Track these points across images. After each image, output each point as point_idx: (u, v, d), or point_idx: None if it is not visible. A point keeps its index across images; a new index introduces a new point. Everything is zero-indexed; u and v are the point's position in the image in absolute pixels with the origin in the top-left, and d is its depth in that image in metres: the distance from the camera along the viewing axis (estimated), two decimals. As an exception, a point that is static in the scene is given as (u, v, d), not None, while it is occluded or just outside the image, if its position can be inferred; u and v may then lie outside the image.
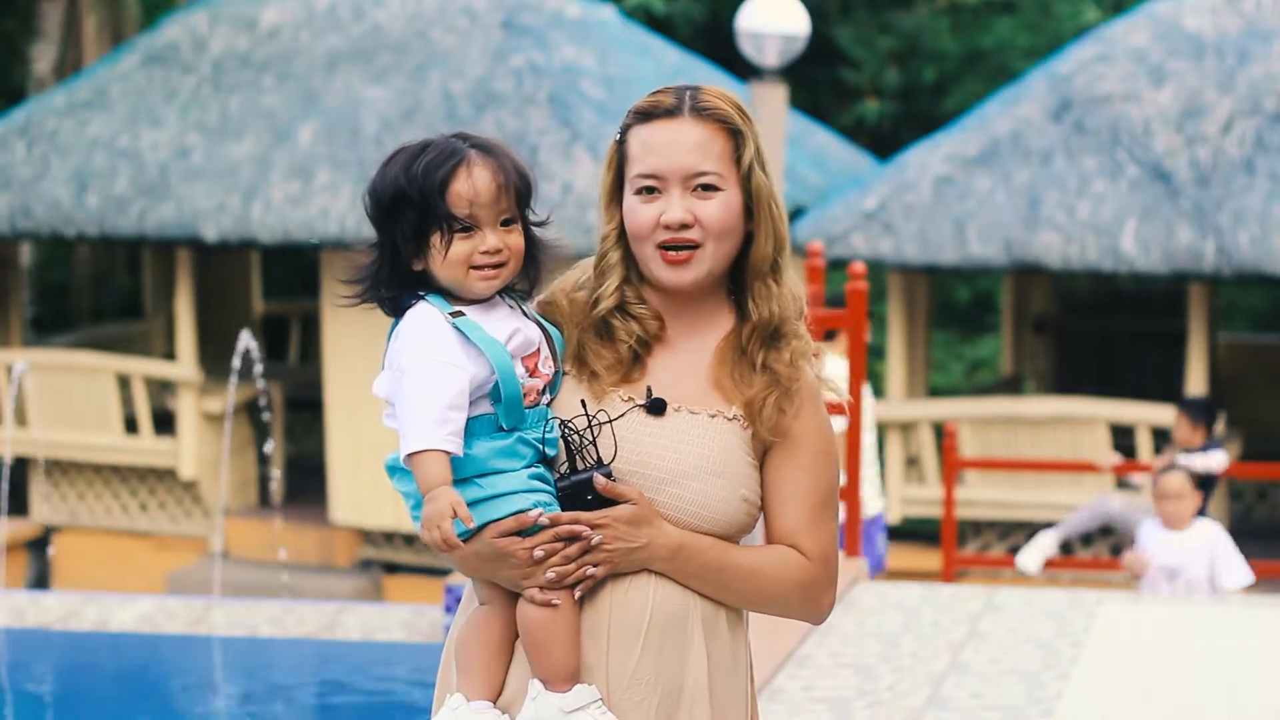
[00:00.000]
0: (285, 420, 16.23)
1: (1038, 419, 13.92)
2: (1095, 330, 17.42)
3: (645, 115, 2.99)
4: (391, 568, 14.72)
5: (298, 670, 8.01)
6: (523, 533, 2.88)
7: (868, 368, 9.92)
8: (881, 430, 14.55)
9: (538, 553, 2.87)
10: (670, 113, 2.98)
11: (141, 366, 15.66)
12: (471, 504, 2.88)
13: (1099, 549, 13.93)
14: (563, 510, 2.90)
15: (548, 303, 3.07)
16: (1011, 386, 17.02)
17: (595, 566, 2.90)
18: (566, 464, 2.95)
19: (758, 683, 6.45)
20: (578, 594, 2.90)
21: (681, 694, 2.94)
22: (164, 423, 15.65)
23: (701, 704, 2.94)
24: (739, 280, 3.04)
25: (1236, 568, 9.41)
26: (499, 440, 2.90)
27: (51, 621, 8.07)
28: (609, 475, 2.92)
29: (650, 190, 2.97)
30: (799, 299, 3.05)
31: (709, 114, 2.97)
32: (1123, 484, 12.70)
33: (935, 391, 17.99)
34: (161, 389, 16.00)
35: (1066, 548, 14.16)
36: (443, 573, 11.56)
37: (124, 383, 15.55)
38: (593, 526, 2.89)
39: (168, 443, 15.33)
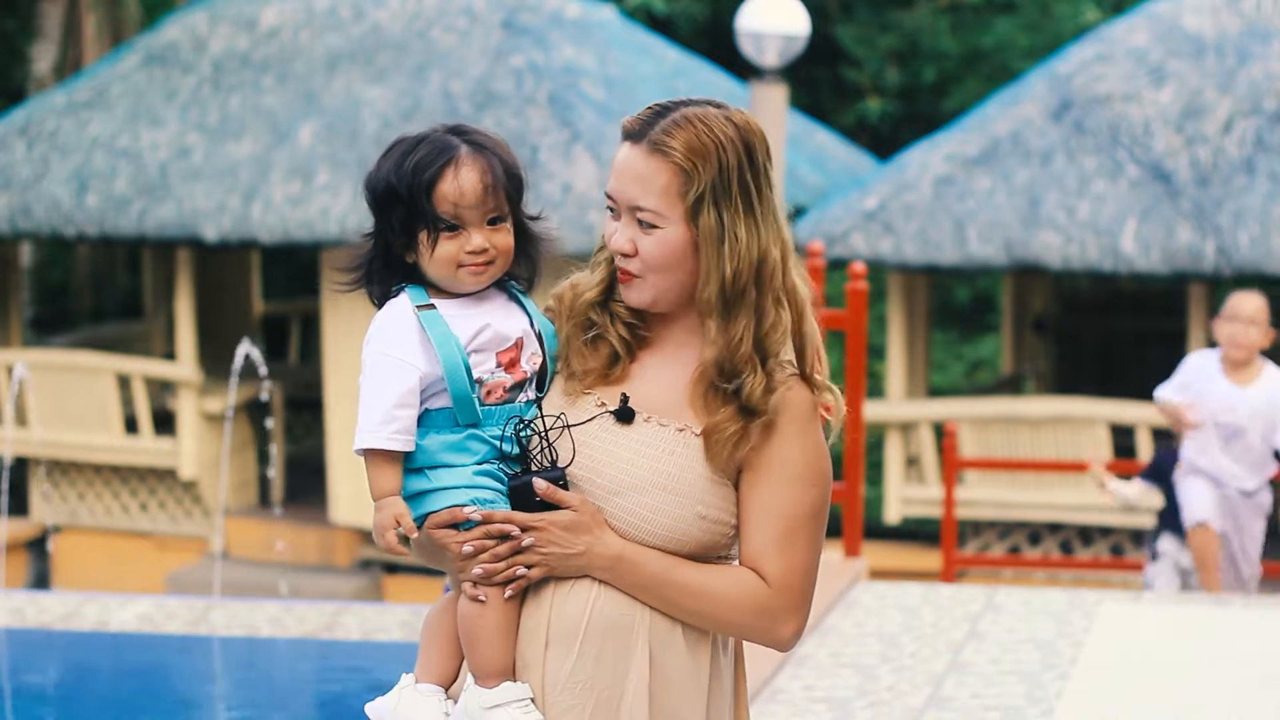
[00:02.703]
0: (285, 420, 16.23)
1: (1038, 419, 13.93)
2: (1095, 330, 17.44)
3: (624, 131, 2.96)
4: (391, 568, 14.73)
5: (298, 670, 8.01)
6: (461, 527, 2.90)
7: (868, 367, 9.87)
8: (881, 430, 14.57)
9: (466, 548, 2.88)
10: (631, 137, 2.93)
11: (141, 366, 15.67)
12: (416, 494, 2.93)
13: (1099, 549, 13.94)
14: (512, 510, 2.91)
15: (557, 295, 3.07)
16: (1011, 386, 17.02)
17: (529, 568, 2.89)
18: (524, 464, 2.96)
19: (758, 683, 6.46)
20: (508, 593, 2.89)
21: (620, 703, 2.90)
22: (164, 423, 15.66)
23: (640, 716, 2.90)
24: None
25: None
26: (451, 435, 2.92)
27: (51, 621, 8.07)
28: (560, 479, 2.91)
29: (611, 207, 2.96)
30: (778, 328, 2.91)
31: (659, 148, 2.89)
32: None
33: (935, 391, 18.00)
34: (161, 389, 16.00)
35: (1066, 546, 14.18)
36: (443, 573, 11.54)
37: (124, 383, 15.56)
38: (528, 529, 2.88)
39: (168, 443, 15.34)
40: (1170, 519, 9.34)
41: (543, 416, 2.94)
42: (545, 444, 2.93)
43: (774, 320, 2.92)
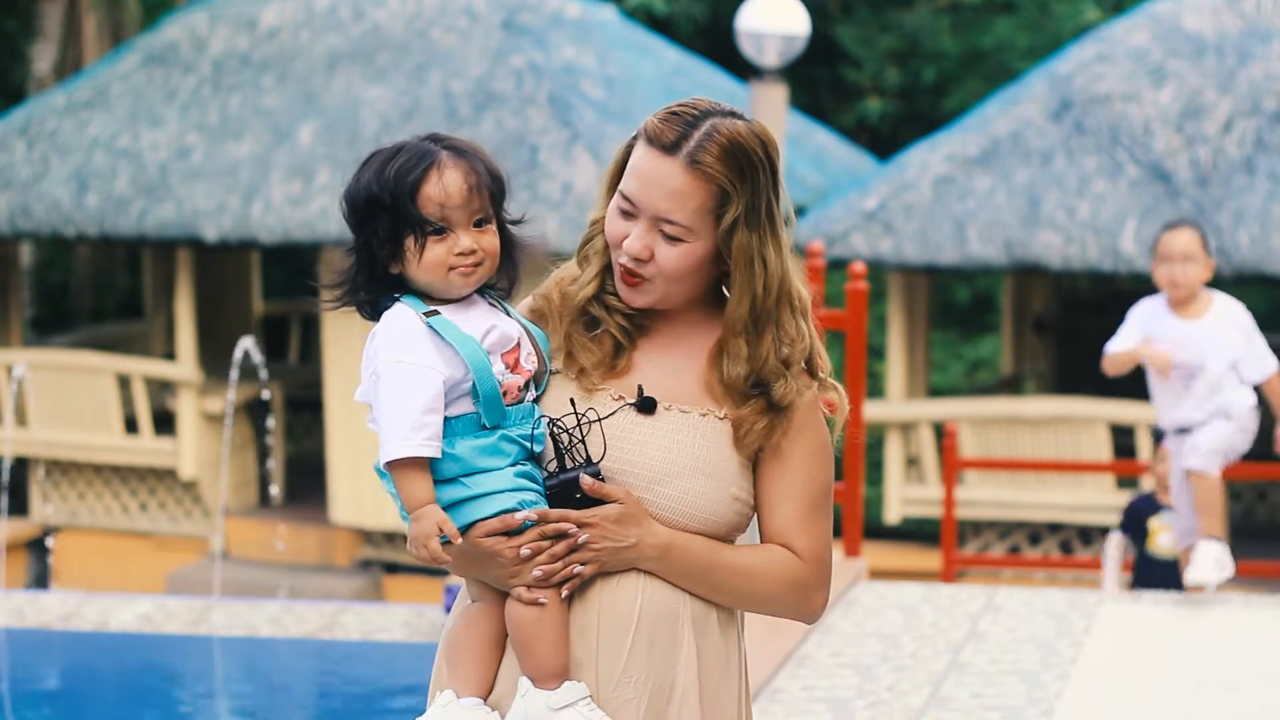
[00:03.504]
0: (285, 420, 16.23)
1: (1038, 419, 13.93)
2: (1095, 330, 17.40)
3: (650, 138, 2.93)
4: (391, 568, 14.73)
5: (298, 670, 8.01)
6: (509, 531, 2.89)
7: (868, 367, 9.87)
8: (881, 430, 14.57)
9: (524, 551, 2.88)
10: (666, 149, 2.90)
11: (141, 366, 15.67)
12: (457, 503, 2.90)
13: (1099, 549, 13.93)
14: (551, 509, 2.91)
15: (543, 294, 3.07)
16: (1011, 386, 17.02)
17: (583, 565, 2.90)
18: (555, 462, 2.95)
19: (758, 683, 6.47)
20: (565, 592, 2.90)
21: (672, 693, 2.94)
22: (164, 423, 15.66)
23: (691, 703, 2.94)
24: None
25: (1262, 355, 7.90)
26: (482, 439, 2.91)
27: (51, 621, 8.07)
28: (597, 474, 2.92)
29: (628, 209, 2.95)
30: (799, 341, 2.98)
31: (699, 168, 2.89)
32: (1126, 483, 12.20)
33: (935, 391, 18.00)
34: (161, 389, 16.00)
35: (1066, 546, 14.18)
36: (442, 573, 11.56)
37: (124, 383, 15.56)
38: (580, 525, 2.89)
39: (168, 443, 15.34)
40: (1139, 576, 9.13)
41: (575, 413, 2.94)
42: (578, 439, 2.93)
43: (794, 333, 2.98)
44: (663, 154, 2.90)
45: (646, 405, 2.97)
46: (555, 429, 2.94)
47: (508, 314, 3.00)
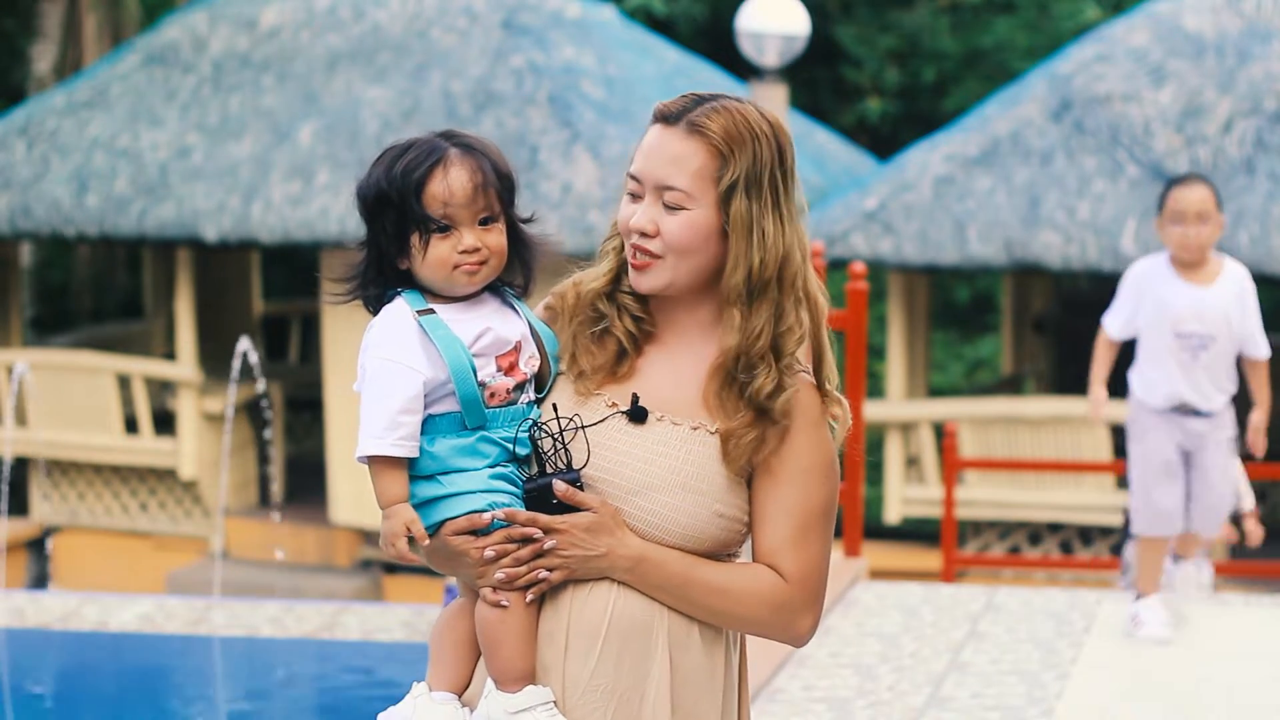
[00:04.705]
0: (285, 420, 16.23)
1: (1038, 419, 13.93)
2: (1095, 330, 17.40)
3: (656, 115, 2.96)
4: (391, 568, 14.72)
5: (298, 670, 8.02)
6: (479, 532, 2.89)
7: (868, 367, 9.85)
8: (881, 430, 14.57)
9: (488, 553, 2.87)
10: (668, 120, 2.93)
11: (141, 366, 15.67)
12: (430, 500, 2.91)
13: (1099, 549, 13.94)
14: (519, 512, 2.90)
15: (559, 294, 3.06)
16: (1011, 386, 17.02)
17: (550, 571, 2.88)
18: (538, 467, 2.94)
19: (758, 683, 6.46)
20: (529, 597, 2.88)
21: (641, 705, 2.90)
22: (164, 423, 15.66)
23: (661, 718, 2.90)
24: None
25: (1261, 334, 7.53)
26: (462, 438, 2.91)
27: (51, 621, 8.07)
28: (576, 481, 2.90)
29: (635, 190, 2.95)
30: (795, 330, 2.94)
31: (697, 129, 2.90)
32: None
33: (935, 391, 18.00)
34: (161, 389, 16.00)
35: (1066, 546, 14.18)
36: (443, 574, 11.54)
37: (124, 383, 15.56)
38: (550, 531, 2.87)
39: (168, 443, 15.34)
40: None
41: (558, 418, 2.93)
42: (560, 446, 2.92)
43: (792, 321, 2.93)
44: (665, 125, 2.93)
45: (638, 415, 2.94)
46: (540, 433, 2.93)
47: (520, 314, 3.00)
